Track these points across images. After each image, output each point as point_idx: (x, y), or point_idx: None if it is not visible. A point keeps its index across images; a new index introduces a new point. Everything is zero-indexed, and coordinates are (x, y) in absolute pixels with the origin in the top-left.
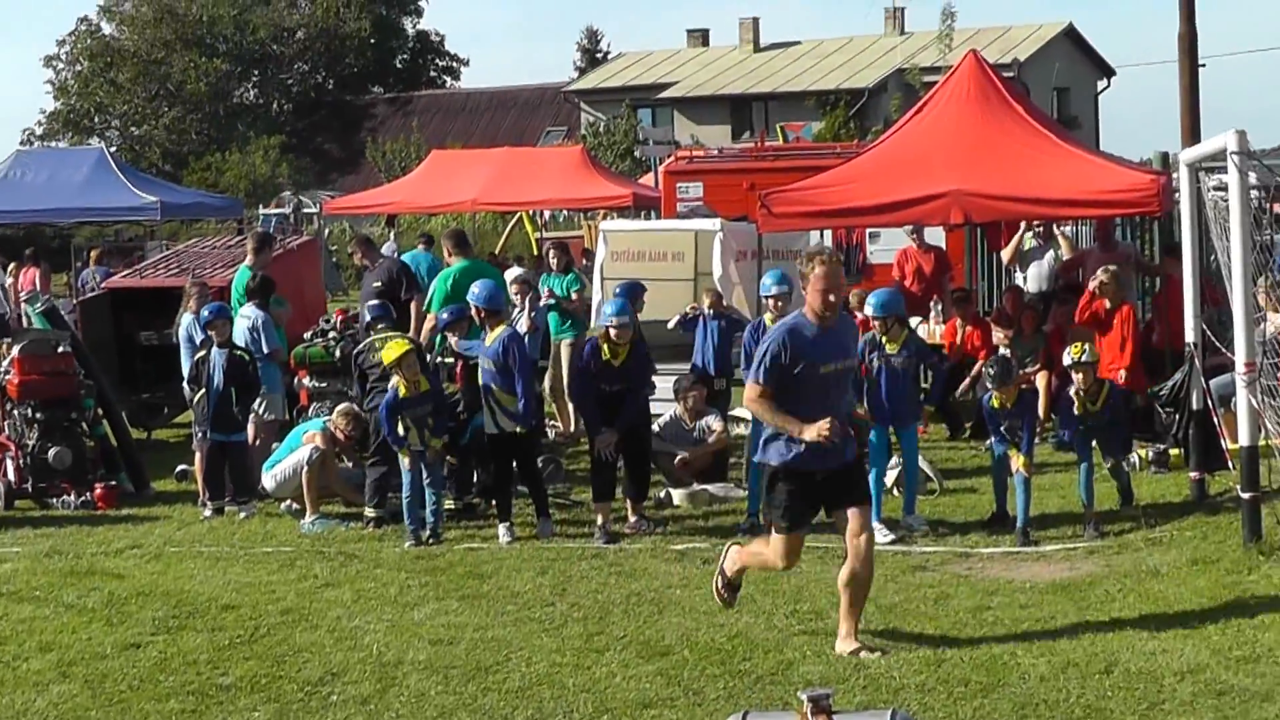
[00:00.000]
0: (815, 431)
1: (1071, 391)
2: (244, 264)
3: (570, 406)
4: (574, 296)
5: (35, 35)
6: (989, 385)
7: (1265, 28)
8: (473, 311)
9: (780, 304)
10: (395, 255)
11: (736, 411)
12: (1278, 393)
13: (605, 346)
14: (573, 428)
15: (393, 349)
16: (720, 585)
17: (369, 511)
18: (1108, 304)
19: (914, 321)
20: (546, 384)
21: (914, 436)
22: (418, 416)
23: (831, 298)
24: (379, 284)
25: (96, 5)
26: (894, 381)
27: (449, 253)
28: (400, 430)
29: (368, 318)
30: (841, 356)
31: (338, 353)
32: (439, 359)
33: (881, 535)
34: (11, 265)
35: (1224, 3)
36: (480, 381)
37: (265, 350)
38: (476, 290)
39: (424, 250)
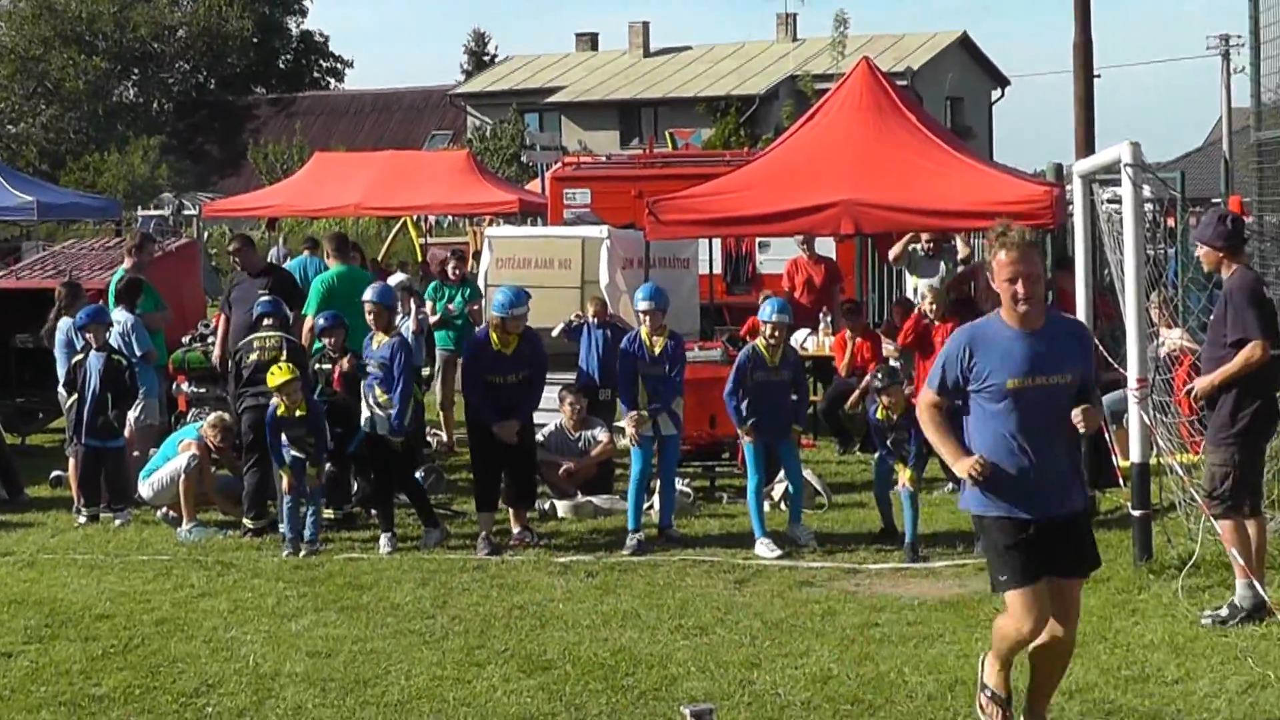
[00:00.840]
0: (966, 466)
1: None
2: (121, 266)
3: (452, 418)
4: (474, 308)
5: None
6: (876, 392)
7: (1161, 39)
8: (367, 311)
9: (652, 320)
10: (283, 259)
11: (622, 422)
12: (1170, 410)
13: (495, 336)
14: (453, 439)
15: (277, 374)
16: (984, 700)
17: (248, 521)
18: (930, 321)
19: (803, 333)
20: (437, 393)
21: (793, 448)
22: (294, 437)
23: (1021, 288)
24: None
25: None
26: (772, 394)
27: (328, 255)
28: (282, 443)
29: (256, 313)
30: (1047, 369)
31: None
32: (316, 365)
33: (768, 551)
34: None
35: (1120, 13)
36: (364, 384)
37: (137, 353)
38: (371, 291)
39: (310, 255)
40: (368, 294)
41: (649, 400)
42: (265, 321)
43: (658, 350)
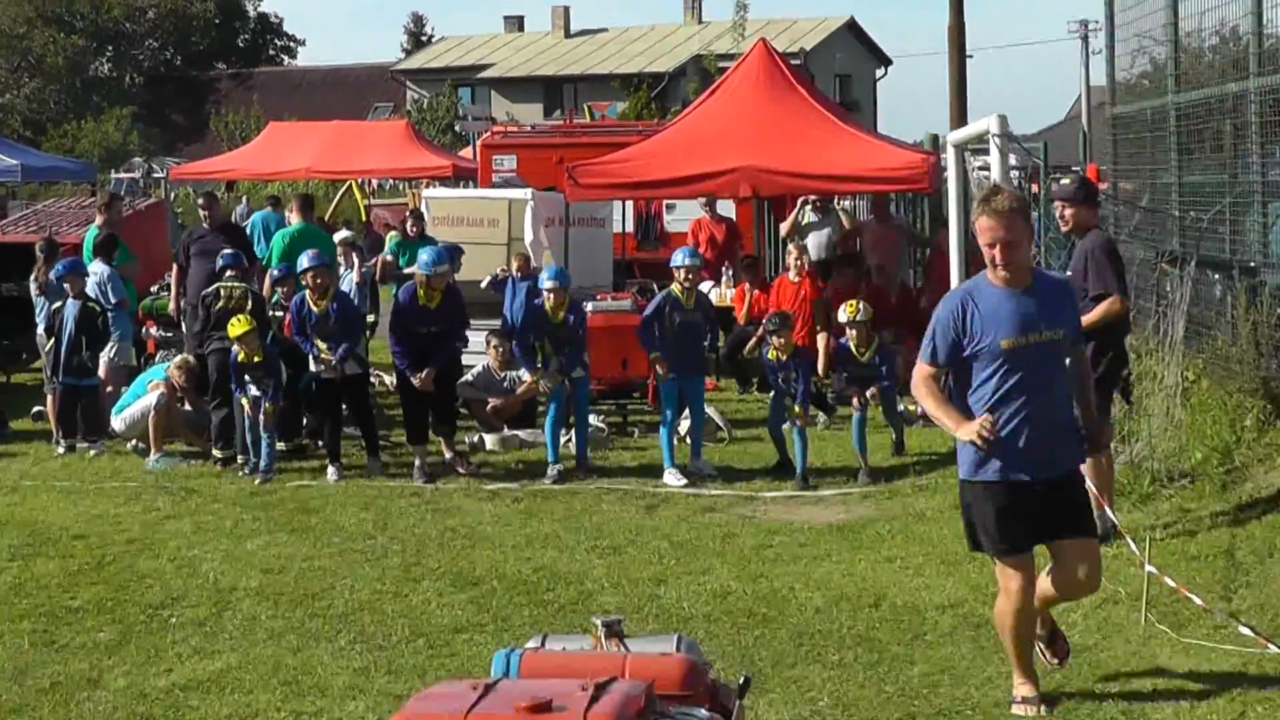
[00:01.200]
0: (971, 431)
1: (850, 343)
2: (94, 223)
3: None
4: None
5: None
6: (768, 335)
7: (1027, 23)
8: (311, 277)
9: (556, 296)
10: (245, 216)
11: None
12: None
13: (421, 291)
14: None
15: (235, 326)
16: (1020, 710)
17: (216, 452)
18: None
19: (706, 286)
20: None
21: (701, 387)
22: (254, 378)
23: (999, 253)
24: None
25: None
26: (688, 332)
27: (293, 212)
28: (245, 379)
29: (220, 264)
30: (1040, 325)
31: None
32: (272, 313)
33: (675, 480)
34: None
35: (991, 0)
36: (309, 332)
37: (113, 301)
38: (305, 257)
39: (272, 210)
40: (304, 259)
41: (556, 354)
42: (228, 273)
43: (558, 320)
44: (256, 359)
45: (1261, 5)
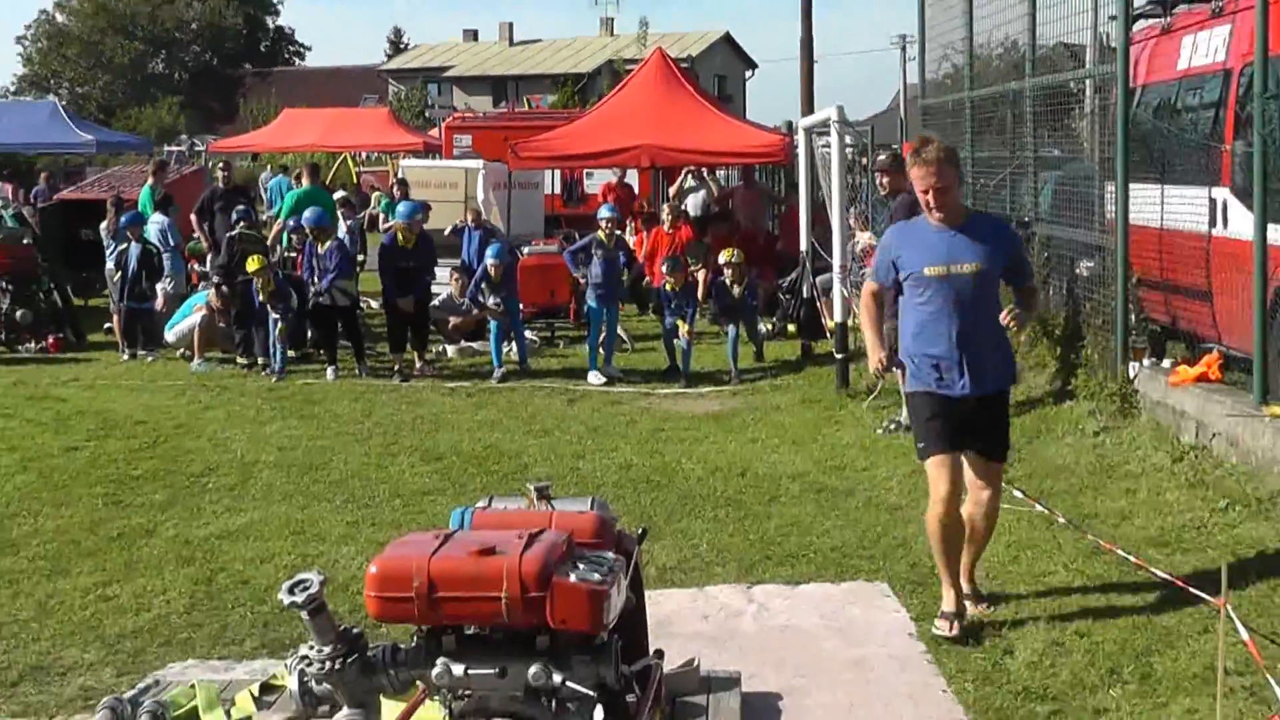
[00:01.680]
0: (872, 360)
1: (726, 279)
2: (147, 183)
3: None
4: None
5: (9, 22)
6: (665, 272)
7: (860, 35)
8: (309, 229)
9: (496, 271)
10: (269, 179)
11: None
12: (861, 285)
13: (400, 235)
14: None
15: (251, 263)
16: (938, 624)
17: (240, 359)
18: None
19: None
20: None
21: (615, 311)
22: (271, 304)
23: (932, 198)
24: (243, 206)
25: (52, 2)
26: (609, 270)
27: (302, 177)
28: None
29: (235, 217)
30: (963, 258)
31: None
32: (286, 253)
33: (595, 379)
34: None
35: (835, 14)
36: (320, 274)
37: (171, 244)
38: (308, 214)
39: (284, 175)
40: (306, 216)
41: (496, 301)
42: (242, 223)
43: (498, 280)
44: (270, 288)
45: (1035, 24)
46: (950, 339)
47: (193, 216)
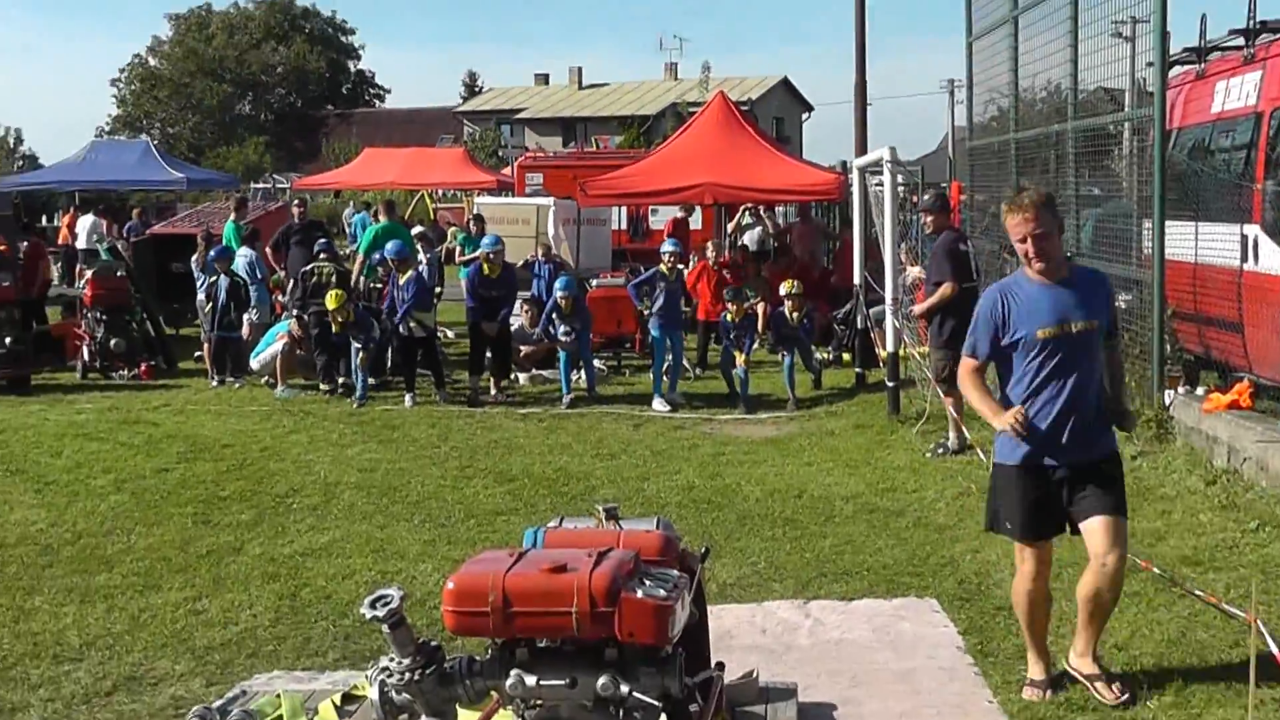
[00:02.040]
0: (1006, 420)
1: (785, 310)
2: (230, 219)
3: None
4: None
5: (104, 65)
6: (726, 303)
7: (912, 80)
8: (390, 260)
9: (566, 303)
10: (352, 215)
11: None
12: (912, 318)
13: (485, 265)
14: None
15: (330, 301)
16: (1028, 692)
17: (322, 386)
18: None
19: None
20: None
21: (680, 340)
22: (351, 335)
23: (1030, 247)
24: (323, 238)
25: (146, 46)
26: (671, 300)
27: (380, 213)
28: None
29: (316, 249)
30: (1075, 316)
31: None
32: (371, 284)
33: (660, 406)
34: (72, 212)
35: (887, 61)
36: (399, 304)
37: (257, 277)
38: (390, 246)
39: (364, 212)
40: (388, 249)
41: (566, 328)
42: (321, 255)
43: (569, 310)
44: (350, 319)
45: (1077, 69)
46: (1062, 405)
47: (268, 250)
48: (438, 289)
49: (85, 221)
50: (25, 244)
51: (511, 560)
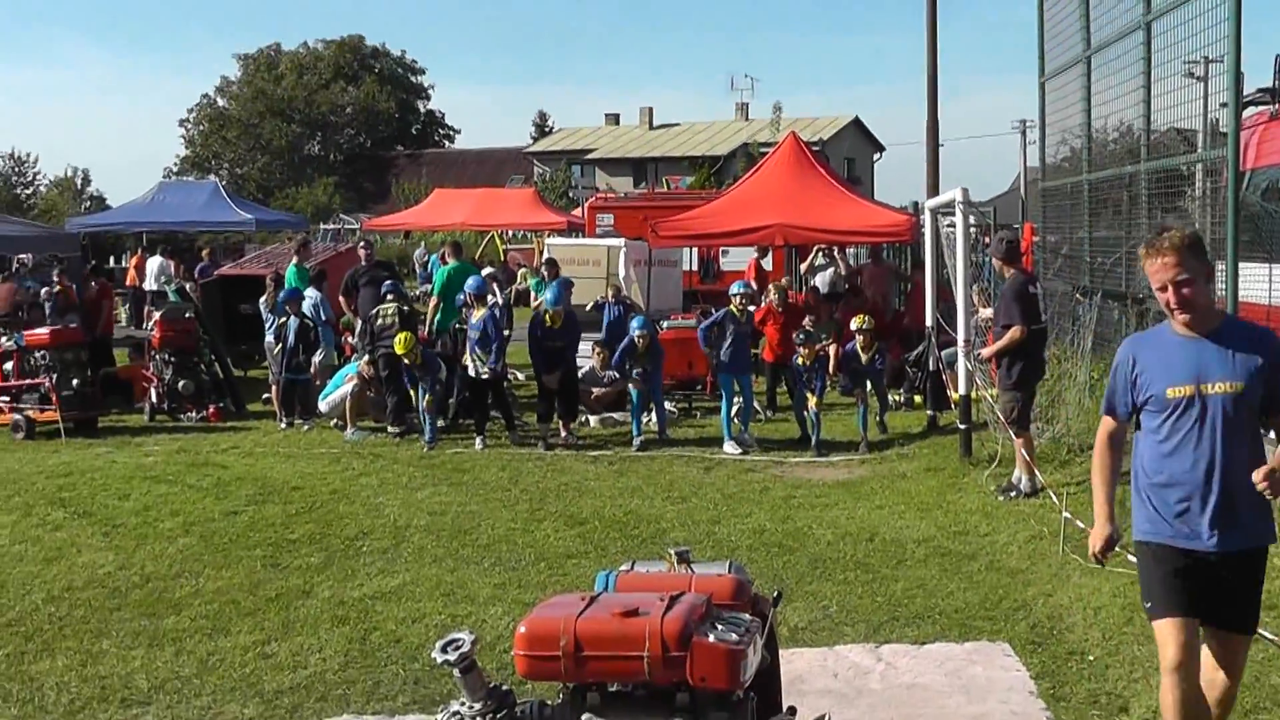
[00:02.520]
0: (1095, 538)
1: (857, 346)
2: (292, 262)
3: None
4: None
5: (173, 106)
6: (798, 345)
7: (984, 120)
8: (466, 296)
9: (643, 341)
10: (425, 255)
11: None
12: (982, 360)
13: (547, 317)
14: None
15: (400, 344)
16: None
17: (391, 428)
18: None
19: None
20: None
21: (749, 382)
22: (419, 377)
23: (1171, 296)
24: (389, 279)
25: (214, 86)
26: (740, 342)
27: (448, 255)
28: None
29: (383, 290)
30: (1216, 375)
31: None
32: (456, 326)
33: (731, 449)
34: (140, 253)
35: (959, 100)
36: (469, 343)
37: (324, 319)
38: (470, 282)
39: (436, 253)
40: (469, 285)
41: (639, 369)
42: (389, 296)
43: (643, 350)
44: (419, 362)
45: (1149, 110)
46: (1198, 479)
47: (341, 298)
48: (506, 331)
49: (153, 263)
50: (94, 285)
51: (583, 604)
